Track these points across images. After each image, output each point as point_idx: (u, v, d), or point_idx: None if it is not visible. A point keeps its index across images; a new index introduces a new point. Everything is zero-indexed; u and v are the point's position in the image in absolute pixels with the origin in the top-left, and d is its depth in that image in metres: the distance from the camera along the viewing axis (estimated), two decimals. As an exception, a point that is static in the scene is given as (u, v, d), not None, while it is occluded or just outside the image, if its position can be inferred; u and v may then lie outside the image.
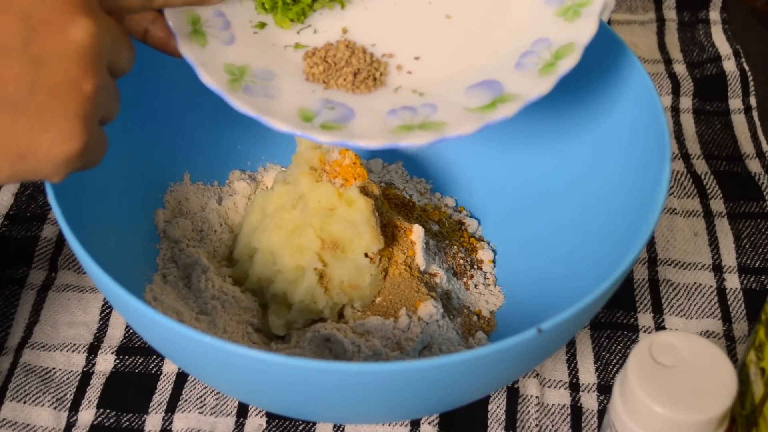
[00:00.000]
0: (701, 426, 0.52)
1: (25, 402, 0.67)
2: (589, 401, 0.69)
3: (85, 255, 0.55)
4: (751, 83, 0.93)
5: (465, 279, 0.73)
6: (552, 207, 0.73)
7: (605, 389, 0.69)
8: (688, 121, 0.90)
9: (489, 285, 0.74)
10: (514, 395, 0.68)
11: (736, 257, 0.78)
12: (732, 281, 0.76)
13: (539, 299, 0.70)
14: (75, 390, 0.68)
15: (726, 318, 0.74)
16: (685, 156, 0.87)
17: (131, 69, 0.54)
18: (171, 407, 0.67)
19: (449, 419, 0.67)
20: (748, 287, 0.76)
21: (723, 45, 0.97)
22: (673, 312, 0.74)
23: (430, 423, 0.66)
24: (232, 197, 0.77)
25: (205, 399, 0.68)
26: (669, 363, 0.53)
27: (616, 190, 0.67)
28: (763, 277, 0.77)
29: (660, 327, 0.73)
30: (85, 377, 0.69)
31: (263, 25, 0.63)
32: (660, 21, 1.02)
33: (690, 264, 0.77)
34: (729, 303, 0.75)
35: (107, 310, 0.73)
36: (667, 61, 0.97)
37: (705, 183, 0.84)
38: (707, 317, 0.74)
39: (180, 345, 0.55)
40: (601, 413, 0.68)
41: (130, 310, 0.55)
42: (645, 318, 0.74)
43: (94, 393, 0.68)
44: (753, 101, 0.92)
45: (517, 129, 0.76)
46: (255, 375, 0.55)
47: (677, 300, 0.75)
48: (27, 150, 0.48)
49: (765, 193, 0.83)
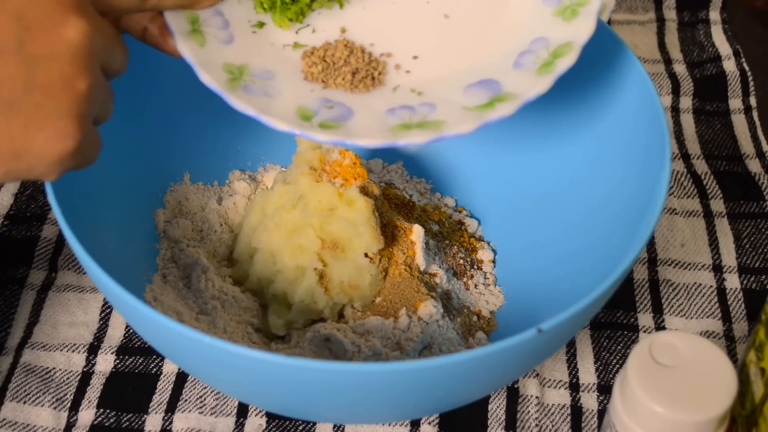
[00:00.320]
0: (701, 426, 0.52)
1: (25, 402, 0.67)
2: (589, 401, 0.69)
3: (85, 255, 0.55)
4: (751, 83, 0.93)
5: (465, 279, 0.73)
6: (552, 207, 0.73)
7: (605, 389, 0.69)
8: (688, 121, 0.90)
9: (489, 285, 0.74)
10: (514, 395, 0.68)
11: (736, 257, 0.78)
12: (732, 281, 0.76)
13: (539, 299, 0.70)
14: (75, 390, 0.68)
15: (726, 318, 0.74)
16: (685, 156, 0.87)
17: (125, 70, 0.54)
18: (171, 407, 0.67)
19: (449, 419, 0.67)
20: (748, 287, 0.76)
21: (723, 45, 0.97)
22: (673, 312, 0.74)
23: (430, 423, 0.66)
24: (232, 197, 0.77)
25: (205, 399, 0.68)
26: (669, 363, 0.53)
27: (616, 190, 0.67)
28: (763, 277, 0.77)
29: (660, 327, 0.73)
30: (85, 377, 0.69)
31: (262, 25, 0.63)
32: (660, 21, 1.02)
33: (690, 264, 0.77)
34: (729, 303, 0.75)
35: (107, 310, 0.73)
36: (667, 61, 0.97)
37: (705, 183, 0.84)
38: (707, 317, 0.74)
39: (180, 345, 0.55)
40: (601, 413, 0.68)
41: (130, 310, 0.55)
42: (645, 318, 0.74)
43: (94, 393, 0.68)
44: (753, 101, 0.92)
45: (518, 129, 0.76)
46: (255, 375, 0.55)
47: (677, 300, 0.75)
48: (21, 148, 0.48)
49: (765, 193, 0.83)
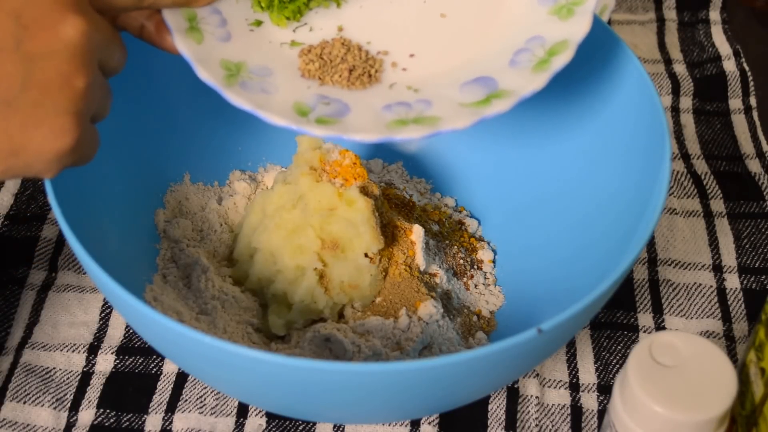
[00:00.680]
0: (701, 426, 0.52)
1: (25, 402, 0.67)
2: (589, 401, 0.69)
3: (85, 255, 0.55)
4: (751, 83, 0.93)
5: (465, 279, 0.73)
6: (552, 207, 0.73)
7: (605, 389, 0.69)
8: (688, 121, 0.90)
9: (489, 285, 0.74)
10: (514, 395, 0.68)
11: (736, 257, 0.78)
12: (732, 281, 0.76)
13: (539, 299, 0.70)
14: (75, 390, 0.68)
15: (726, 318, 0.74)
16: (685, 156, 0.87)
17: (123, 68, 0.54)
18: (171, 407, 0.67)
19: (449, 419, 0.67)
20: (748, 287, 0.76)
21: (723, 45, 0.97)
22: (673, 312, 0.74)
23: (430, 423, 0.66)
24: (232, 197, 0.77)
25: (205, 399, 0.68)
26: (669, 363, 0.53)
27: (616, 190, 0.67)
28: (763, 277, 0.77)
29: (660, 327, 0.73)
30: (85, 377, 0.69)
31: (259, 23, 0.63)
32: (660, 21, 1.02)
33: (690, 264, 0.77)
34: (729, 303, 0.75)
35: (107, 310, 0.73)
36: (667, 61, 0.97)
37: (705, 183, 0.84)
38: (707, 317, 0.74)
39: (180, 345, 0.55)
40: (601, 413, 0.68)
41: (130, 310, 0.55)
42: (645, 318, 0.74)
43: (94, 393, 0.68)
44: (753, 101, 0.92)
45: (518, 129, 0.76)
46: (255, 375, 0.55)
47: (677, 300, 0.75)
48: (20, 146, 0.48)
49: (765, 193, 0.83)
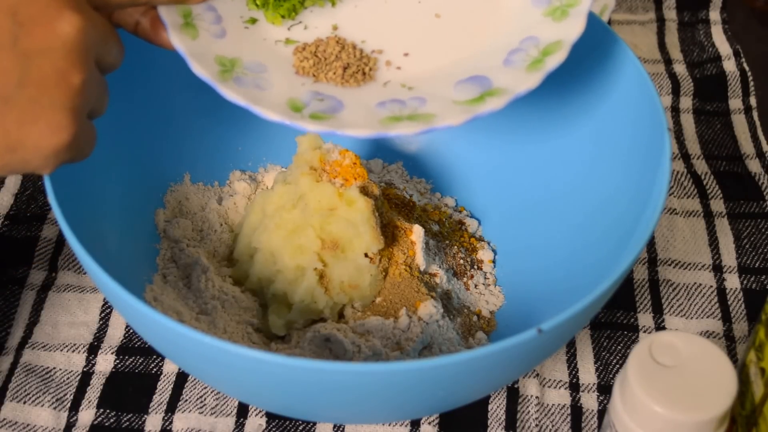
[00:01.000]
0: (701, 426, 0.52)
1: (25, 402, 0.67)
2: (589, 401, 0.69)
3: (85, 255, 0.55)
4: (751, 83, 0.93)
5: (465, 279, 0.73)
6: (553, 207, 0.73)
7: (605, 389, 0.69)
8: (688, 121, 0.90)
9: (489, 285, 0.74)
10: (514, 395, 0.68)
11: (736, 257, 0.78)
12: (732, 281, 0.76)
13: (539, 299, 0.70)
14: (75, 390, 0.68)
15: (726, 318, 0.74)
16: (685, 156, 0.87)
17: (120, 64, 0.54)
18: (171, 407, 0.67)
19: (449, 419, 0.67)
20: (748, 287, 0.76)
21: (723, 45, 0.97)
22: (673, 312, 0.74)
23: (430, 423, 0.66)
24: (232, 197, 0.77)
25: (205, 399, 0.68)
26: (669, 363, 0.53)
27: (616, 190, 0.67)
28: (763, 277, 0.77)
29: (660, 327, 0.73)
30: (85, 377, 0.69)
31: (254, 21, 0.64)
32: (660, 21, 1.02)
33: (690, 264, 0.77)
34: (729, 303, 0.75)
35: (107, 310, 0.73)
36: (667, 61, 0.97)
37: (705, 183, 0.84)
38: (707, 317, 0.74)
39: (180, 345, 0.55)
40: (601, 413, 0.68)
41: (130, 310, 0.55)
42: (645, 318, 0.74)
43: (94, 393, 0.68)
44: (753, 101, 0.92)
45: (518, 129, 0.76)
46: (255, 375, 0.55)
47: (677, 300, 0.75)
48: (17, 142, 0.49)
49: (765, 193, 0.83)
